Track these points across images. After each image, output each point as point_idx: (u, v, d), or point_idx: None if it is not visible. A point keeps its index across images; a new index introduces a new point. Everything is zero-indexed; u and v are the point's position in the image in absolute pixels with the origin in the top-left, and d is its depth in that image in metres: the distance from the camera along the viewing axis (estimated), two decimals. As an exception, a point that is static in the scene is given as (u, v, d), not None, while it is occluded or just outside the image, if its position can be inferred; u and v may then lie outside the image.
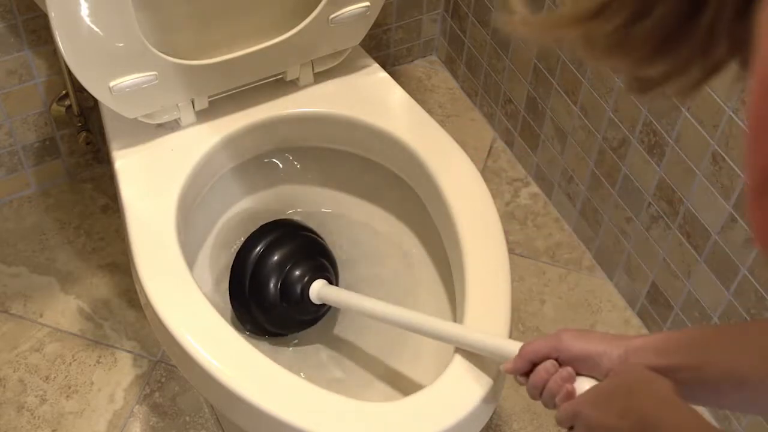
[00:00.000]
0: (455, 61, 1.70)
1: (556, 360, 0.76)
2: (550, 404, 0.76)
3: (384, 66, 1.23)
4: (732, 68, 0.39)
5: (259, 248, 1.12)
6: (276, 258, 1.11)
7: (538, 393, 0.77)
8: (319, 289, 1.07)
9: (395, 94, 1.17)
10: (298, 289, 1.08)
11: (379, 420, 0.86)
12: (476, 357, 0.89)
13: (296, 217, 1.23)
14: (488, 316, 0.93)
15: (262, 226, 1.15)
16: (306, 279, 1.09)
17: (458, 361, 0.89)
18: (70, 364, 1.32)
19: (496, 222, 1.02)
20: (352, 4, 1.11)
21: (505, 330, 0.92)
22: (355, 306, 1.02)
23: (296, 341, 1.15)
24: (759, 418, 1.20)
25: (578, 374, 0.75)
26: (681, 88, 0.39)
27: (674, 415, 0.66)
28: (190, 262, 1.03)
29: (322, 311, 1.15)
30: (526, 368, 0.78)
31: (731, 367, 0.69)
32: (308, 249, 1.13)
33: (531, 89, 1.49)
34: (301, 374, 1.08)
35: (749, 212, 0.36)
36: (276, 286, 1.09)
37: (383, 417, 0.86)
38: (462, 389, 0.87)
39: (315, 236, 1.17)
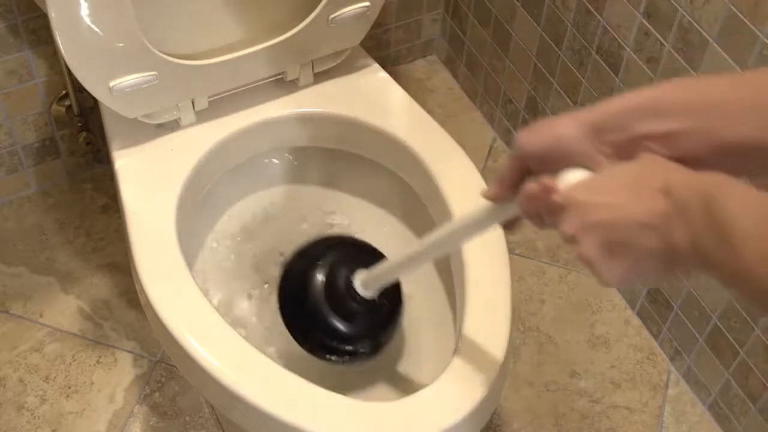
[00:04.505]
0: (455, 61, 1.70)
1: (530, 172, 0.63)
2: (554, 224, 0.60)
3: (384, 66, 1.23)
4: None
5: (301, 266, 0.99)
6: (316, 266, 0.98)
7: (540, 219, 0.62)
8: (362, 277, 0.94)
9: (395, 94, 1.17)
10: (341, 283, 0.95)
11: (379, 420, 0.86)
12: (476, 357, 0.89)
13: (295, 216, 1.23)
14: (488, 317, 0.93)
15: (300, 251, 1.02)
16: (346, 274, 0.95)
17: (458, 361, 0.89)
18: (70, 364, 1.32)
19: (496, 222, 1.02)
20: (352, 4, 1.11)
21: (505, 330, 0.92)
22: (397, 266, 0.89)
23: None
24: (759, 417, 1.20)
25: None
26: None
27: (734, 187, 0.50)
28: (190, 262, 1.03)
29: (382, 311, 0.99)
30: (505, 192, 0.66)
31: (756, 130, 0.55)
32: (348, 250, 1.02)
33: (531, 89, 1.49)
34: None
35: None
36: (322, 288, 0.96)
37: (383, 417, 0.86)
38: (462, 389, 0.87)
39: (355, 240, 1.06)
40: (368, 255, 1.00)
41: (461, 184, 1.06)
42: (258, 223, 1.22)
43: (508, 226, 0.69)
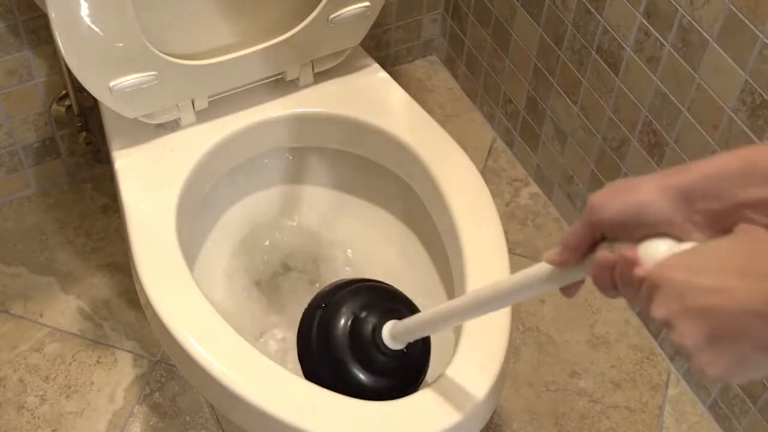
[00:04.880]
0: (455, 61, 1.70)
1: (602, 237, 0.57)
2: (634, 296, 0.54)
3: (384, 66, 1.23)
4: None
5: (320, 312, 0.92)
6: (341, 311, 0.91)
7: (613, 290, 0.56)
8: (391, 329, 0.87)
9: (395, 94, 1.17)
10: (368, 332, 0.88)
11: (379, 420, 0.86)
12: (476, 357, 0.89)
13: (295, 217, 1.23)
14: (488, 316, 0.93)
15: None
16: (374, 324, 0.88)
17: (458, 361, 0.89)
18: (70, 364, 1.32)
19: (496, 222, 1.02)
20: (352, 4, 1.11)
21: (505, 330, 0.92)
22: (433, 322, 0.81)
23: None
24: (759, 417, 1.20)
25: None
26: None
27: None
28: (190, 262, 1.03)
29: (411, 363, 0.92)
30: (573, 259, 0.59)
31: None
32: (375, 297, 0.93)
33: (531, 89, 1.49)
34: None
35: None
36: (344, 336, 0.89)
37: (383, 417, 0.86)
38: (462, 389, 0.87)
39: (381, 284, 0.98)
40: (400, 304, 0.94)
41: (461, 184, 1.06)
42: (258, 224, 1.22)
43: (568, 290, 0.63)
